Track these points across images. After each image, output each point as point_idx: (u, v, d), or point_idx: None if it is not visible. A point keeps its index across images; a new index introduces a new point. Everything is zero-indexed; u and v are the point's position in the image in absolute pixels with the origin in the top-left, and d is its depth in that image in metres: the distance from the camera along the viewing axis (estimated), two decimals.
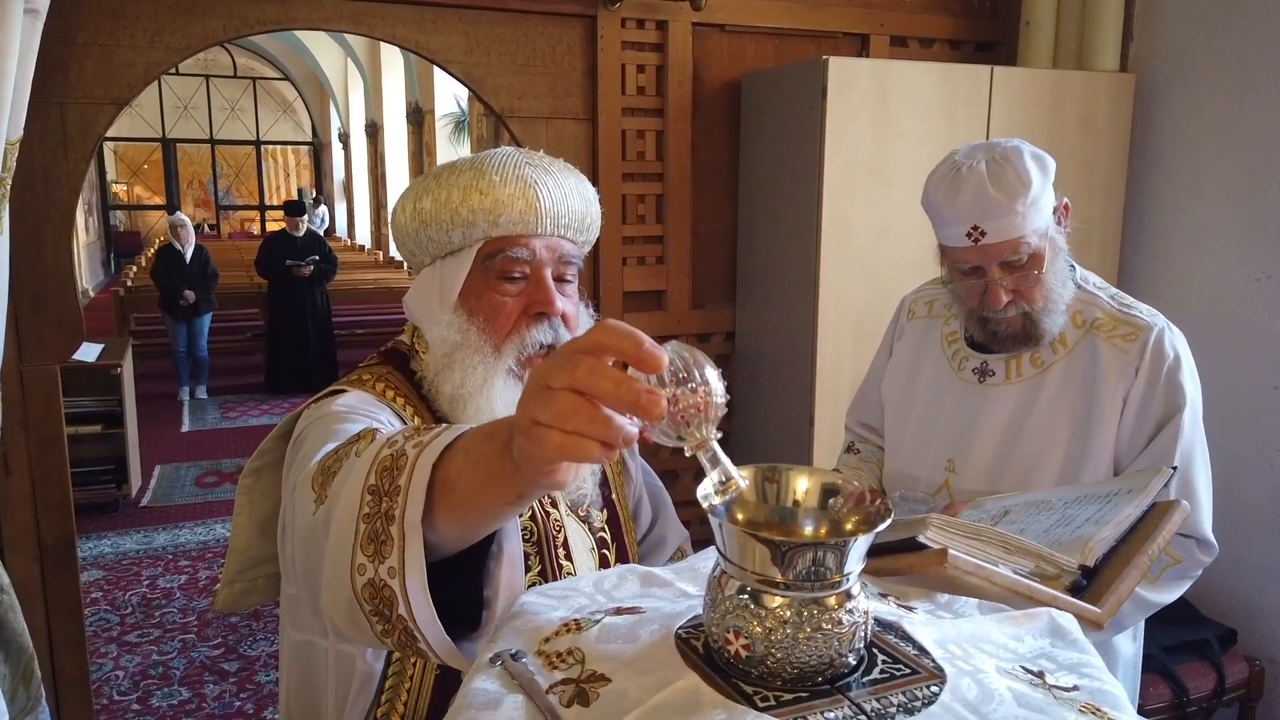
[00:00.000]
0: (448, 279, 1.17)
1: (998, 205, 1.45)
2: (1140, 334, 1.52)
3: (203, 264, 7.60)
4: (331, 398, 1.17)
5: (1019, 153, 1.48)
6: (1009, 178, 1.45)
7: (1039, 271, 1.48)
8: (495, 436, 0.71)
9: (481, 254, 1.15)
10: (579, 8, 2.80)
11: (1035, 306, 1.52)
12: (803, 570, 0.69)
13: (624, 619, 0.81)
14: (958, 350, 1.68)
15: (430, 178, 1.18)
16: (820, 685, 0.71)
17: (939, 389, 1.69)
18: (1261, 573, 2.78)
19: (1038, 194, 1.45)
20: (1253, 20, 2.73)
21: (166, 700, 3.39)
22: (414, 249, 1.22)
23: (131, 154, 19.69)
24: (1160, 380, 1.51)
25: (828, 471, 0.79)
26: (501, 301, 1.15)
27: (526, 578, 1.17)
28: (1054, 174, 1.51)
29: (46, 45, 2.06)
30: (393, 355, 1.28)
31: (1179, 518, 1.07)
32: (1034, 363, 1.59)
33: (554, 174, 1.19)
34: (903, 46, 3.18)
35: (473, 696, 0.72)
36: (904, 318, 1.84)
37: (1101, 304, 1.59)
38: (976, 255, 1.49)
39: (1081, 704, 0.71)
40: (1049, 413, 1.56)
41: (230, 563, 1.34)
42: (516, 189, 1.13)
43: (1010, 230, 1.45)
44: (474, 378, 1.14)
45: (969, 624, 0.82)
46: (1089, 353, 1.55)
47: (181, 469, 6.11)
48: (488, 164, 1.15)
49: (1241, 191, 2.79)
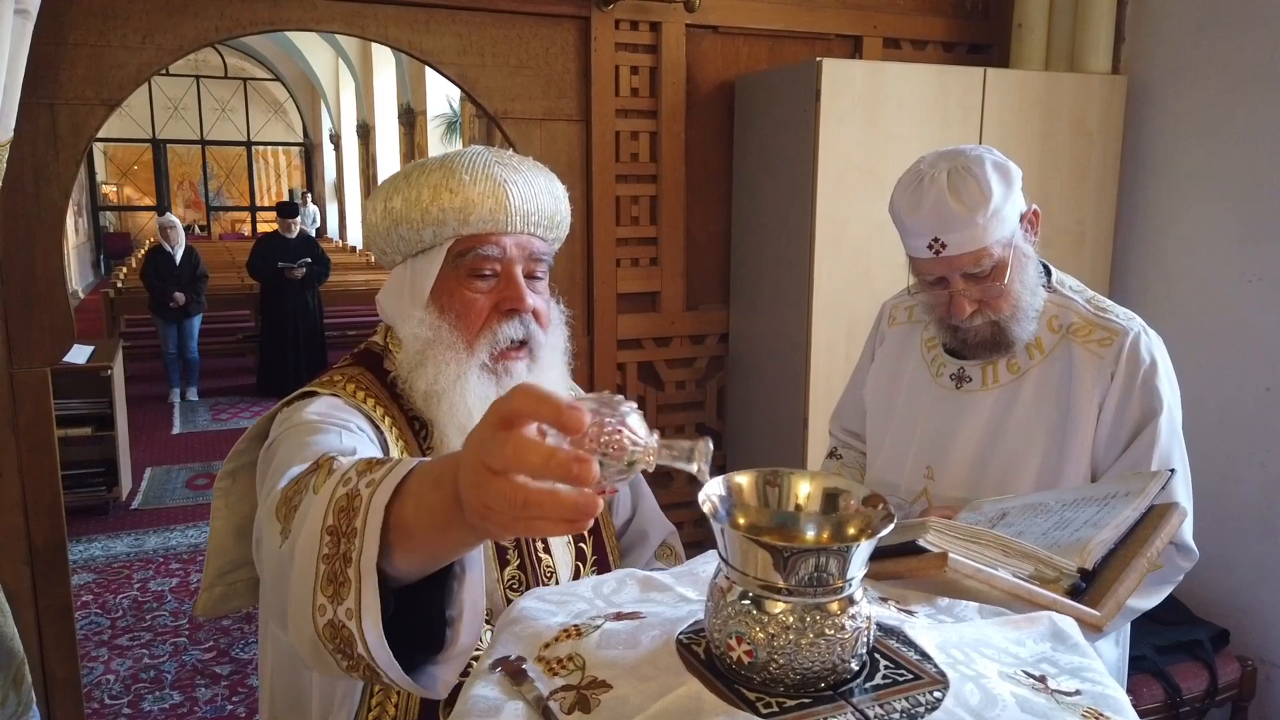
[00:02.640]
0: (419, 277, 1.18)
1: (958, 218, 1.42)
2: (1116, 338, 1.50)
3: (193, 265, 7.56)
4: (303, 402, 1.17)
5: (980, 162, 1.45)
6: (969, 189, 1.43)
7: (1002, 283, 1.45)
8: (442, 485, 0.70)
9: (452, 252, 1.16)
10: (572, 9, 2.80)
11: (1003, 315, 1.50)
12: (805, 576, 0.69)
13: (624, 624, 0.80)
14: (935, 356, 1.67)
15: (401, 177, 1.19)
16: (823, 691, 0.71)
17: (917, 395, 1.68)
18: (1253, 573, 2.79)
19: (999, 204, 1.43)
20: (1243, 22, 2.74)
21: (158, 704, 3.37)
22: (385, 247, 1.23)
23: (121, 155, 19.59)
24: (1136, 385, 1.49)
25: (829, 475, 0.79)
26: (473, 299, 1.16)
27: (506, 571, 1.20)
28: (1020, 181, 1.49)
29: (37, 46, 2.05)
30: (365, 356, 1.28)
31: (1177, 520, 1.08)
32: (1010, 369, 1.57)
33: (523, 172, 1.19)
34: (895, 48, 3.18)
35: (473, 703, 0.72)
36: (885, 323, 1.82)
37: (1077, 308, 1.57)
38: (939, 266, 1.48)
39: (1084, 709, 0.71)
40: (1026, 419, 1.55)
41: (209, 567, 1.33)
42: (486, 187, 1.14)
43: (971, 242, 1.43)
44: (447, 374, 1.15)
45: (970, 628, 0.82)
46: (1065, 358, 1.54)
47: (172, 471, 6.08)
48: (457, 163, 1.16)
49: (1233, 192, 2.80)
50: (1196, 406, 2.94)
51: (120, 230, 19.84)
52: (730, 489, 0.78)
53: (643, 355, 3.09)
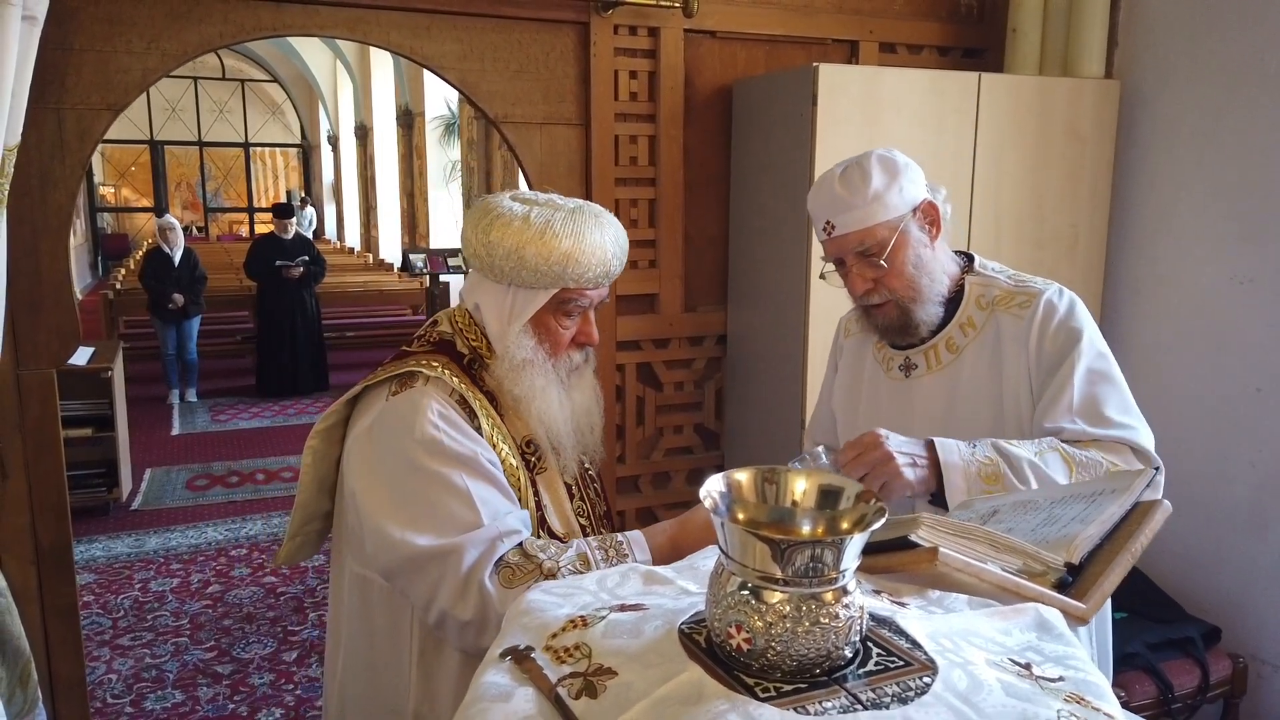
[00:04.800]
0: (521, 306, 1.44)
1: (843, 201, 1.60)
2: (1034, 299, 1.63)
3: (191, 266, 7.58)
4: (415, 395, 1.39)
5: (869, 156, 1.63)
6: (854, 178, 1.61)
7: (881, 259, 1.60)
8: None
9: (555, 298, 1.44)
10: (572, 15, 2.83)
11: (900, 296, 1.64)
12: (801, 567, 0.72)
13: (628, 615, 0.84)
14: (885, 353, 1.79)
15: (533, 230, 1.39)
16: (818, 677, 0.74)
17: (876, 392, 1.79)
18: (1244, 571, 2.83)
19: (880, 190, 1.59)
20: (1234, 26, 2.78)
21: (160, 703, 3.39)
22: (492, 269, 1.43)
23: (119, 156, 19.60)
24: (1051, 327, 1.60)
25: (824, 472, 0.82)
26: (562, 334, 1.47)
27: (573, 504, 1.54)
28: (911, 175, 1.62)
29: (43, 52, 2.08)
30: (443, 346, 1.50)
31: (1161, 517, 1.11)
32: (950, 349, 1.69)
33: (620, 240, 1.46)
34: (891, 53, 3.22)
35: (484, 690, 0.75)
36: (842, 336, 1.95)
37: (999, 283, 1.70)
38: (832, 247, 1.66)
39: (1066, 694, 0.74)
40: (969, 392, 1.66)
41: (295, 518, 1.56)
42: (599, 257, 1.41)
43: (855, 223, 1.60)
44: (537, 385, 1.46)
45: (959, 619, 0.85)
46: (994, 328, 1.66)
47: (172, 472, 6.10)
48: (585, 235, 1.40)
49: (1224, 195, 2.84)
50: (1188, 406, 3.00)
51: (118, 231, 19.85)
52: (730, 486, 0.82)
53: (641, 356, 3.13)
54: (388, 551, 1.33)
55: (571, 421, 1.48)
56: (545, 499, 1.49)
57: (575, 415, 1.49)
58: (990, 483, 1.43)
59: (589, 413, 1.52)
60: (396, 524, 1.32)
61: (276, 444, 6.74)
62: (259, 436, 7.00)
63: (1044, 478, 1.43)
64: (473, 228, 1.43)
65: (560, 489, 1.52)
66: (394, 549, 1.32)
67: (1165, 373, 3.00)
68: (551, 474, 1.51)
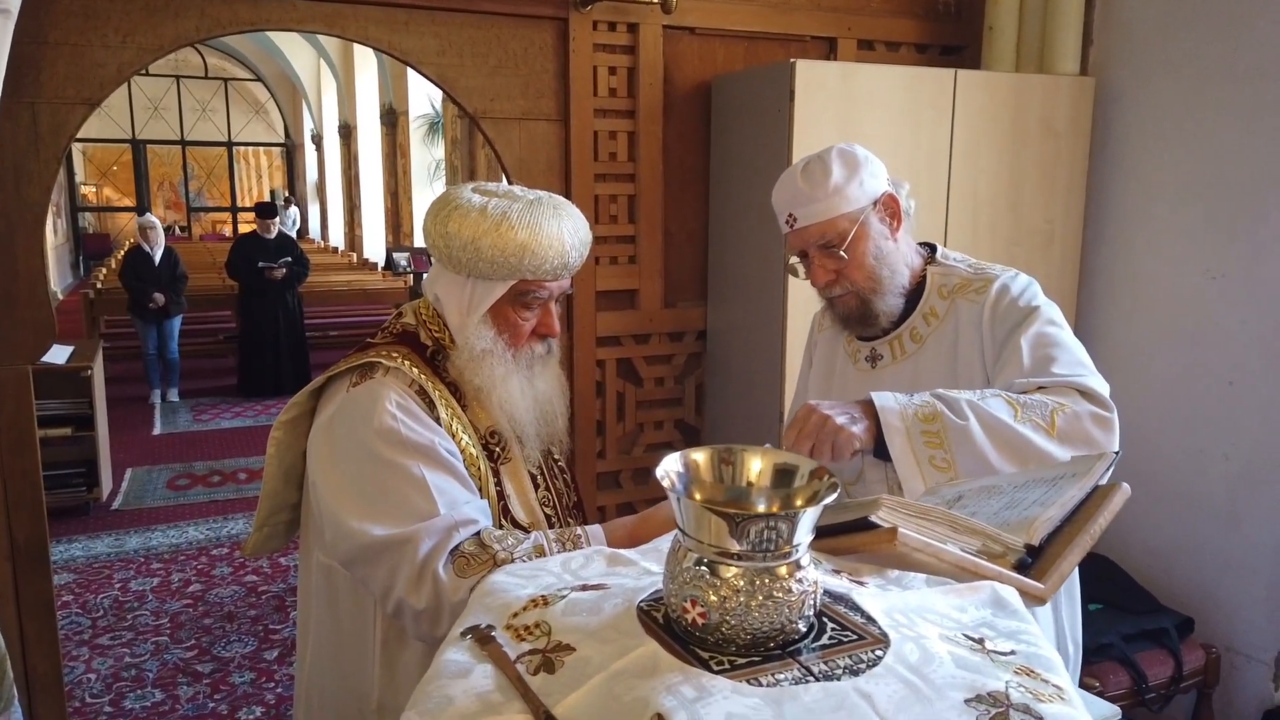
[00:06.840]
0: (479, 297, 1.44)
1: (804, 194, 1.64)
2: (989, 284, 1.67)
3: (172, 266, 7.54)
4: (375, 386, 1.40)
5: (830, 151, 1.66)
6: (815, 171, 1.64)
7: (841, 250, 1.63)
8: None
9: (514, 289, 1.44)
10: (550, 10, 2.84)
11: (860, 287, 1.67)
12: (756, 540, 0.73)
13: (589, 594, 0.84)
14: (853, 345, 1.82)
15: (489, 221, 1.39)
16: (772, 650, 0.75)
17: (846, 384, 1.82)
18: (1218, 563, 2.86)
19: (840, 184, 1.62)
20: (1207, 25, 2.81)
21: (139, 702, 3.38)
22: (450, 260, 1.43)
23: (101, 155, 19.45)
24: (1002, 307, 1.64)
25: (779, 452, 0.83)
26: (521, 325, 1.47)
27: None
28: (872, 169, 1.65)
29: (18, 45, 2.07)
30: (405, 337, 1.50)
31: (1120, 500, 1.12)
32: (914, 338, 1.73)
33: (579, 231, 1.46)
34: (869, 50, 3.24)
35: (444, 667, 0.76)
36: (815, 331, 1.98)
37: (959, 271, 1.73)
38: (795, 240, 1.69)
39: (1016, 666, 0.75)
40: (932, 380, 1.67)
41: (262, 509, 1.58)
42: (556, 249, 1.41)
43: (814, 215, 1.63)
44: (497, 375, 1.46)
45: (915, 595, 0.87)
46: (954, 315, 1.69)
47: (153, 472, 6.07)
48: (541, 227, 1.40)
49: (1197, 191, 2.87)
50: (1162, 401, 3.03)
51: (100, 231, 19.69)
52: (687, 465, 0.83)
53: (622, 352, 3.13)
54: (346, 540, 1.35)
55: (534, 411, 1.49)
56: (509, 489, 1.50)
57: (538, 404, 1.50)
58: (928, 422, 1.45)
59: (552, 401, 1.53)
60: (354, 514, 1.34)
61: (259, 444, 6.70)
62: (241, 436, 6.97)
63: (984, 415, 1.44)
64: (432, 219, 1.44)
65: (525, 479, 1.53)
66: (351, 538, 1.34)
67: (1139, 367, 3.03)
68: (516, 464, 1.52)
